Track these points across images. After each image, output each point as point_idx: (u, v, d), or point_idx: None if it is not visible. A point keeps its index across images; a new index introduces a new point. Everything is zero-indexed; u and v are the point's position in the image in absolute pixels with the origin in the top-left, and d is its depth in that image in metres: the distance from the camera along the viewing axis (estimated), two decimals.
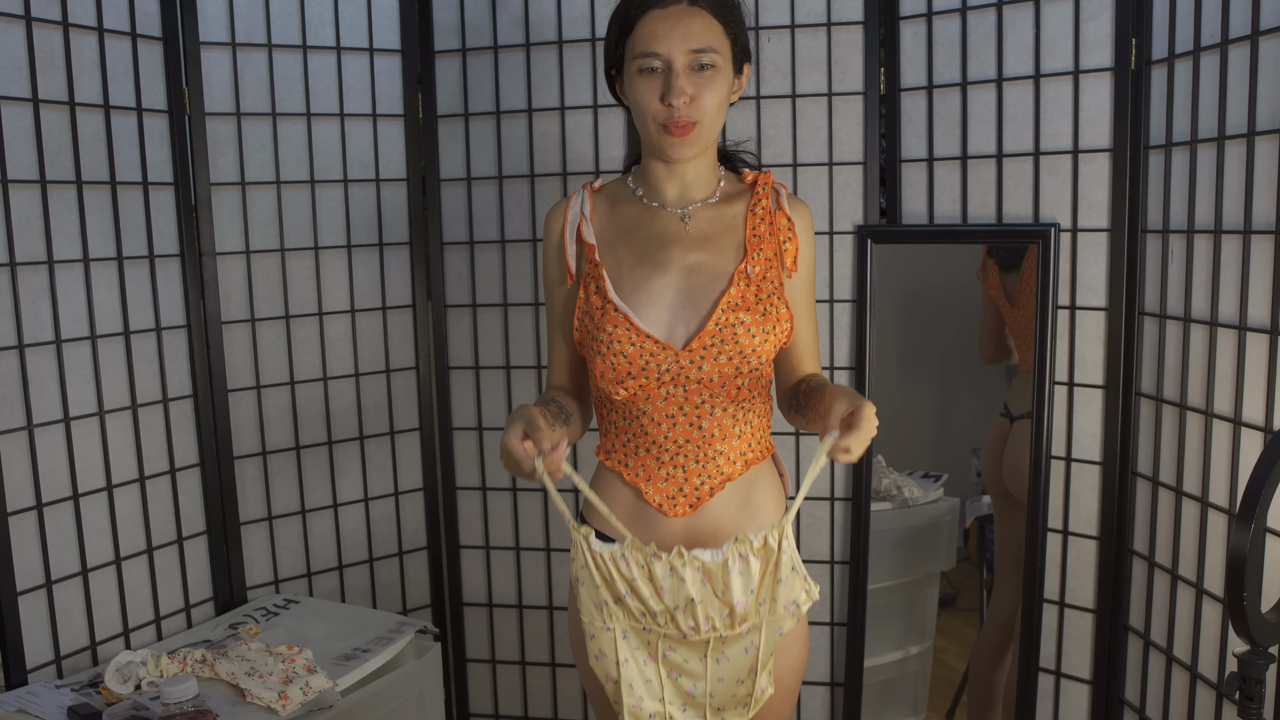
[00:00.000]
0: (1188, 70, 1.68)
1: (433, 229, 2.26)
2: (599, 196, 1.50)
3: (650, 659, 1.39)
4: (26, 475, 1.76)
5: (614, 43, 1.43)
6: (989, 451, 2.11)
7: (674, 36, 1.35)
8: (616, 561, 1.34)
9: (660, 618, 1.35)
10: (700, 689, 1.39)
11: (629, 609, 1.35)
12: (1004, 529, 2.12)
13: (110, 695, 1.66)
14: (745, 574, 1.32)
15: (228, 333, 2.09)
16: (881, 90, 2.04)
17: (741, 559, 1.31)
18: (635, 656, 1.38)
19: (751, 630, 1.36)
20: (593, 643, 1.38)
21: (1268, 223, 1.53)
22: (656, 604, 1.34)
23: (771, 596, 1.34)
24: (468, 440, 2.31)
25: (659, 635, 1.37)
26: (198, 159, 2.02)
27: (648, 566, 1.33)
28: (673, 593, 1.33)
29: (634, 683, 1.38)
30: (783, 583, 1.33)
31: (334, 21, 2.14)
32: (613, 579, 1.34)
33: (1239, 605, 1.23)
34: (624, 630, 1.37)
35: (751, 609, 1.34)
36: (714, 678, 1.39)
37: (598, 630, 1.38)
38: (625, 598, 1.35)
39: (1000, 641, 2.12)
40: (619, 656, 1.37)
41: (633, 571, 1.33)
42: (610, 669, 1.38)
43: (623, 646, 1.37)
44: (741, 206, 1.46)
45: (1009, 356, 2.05)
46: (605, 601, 1.36)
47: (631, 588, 1.34)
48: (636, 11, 1.38)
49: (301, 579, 2.23)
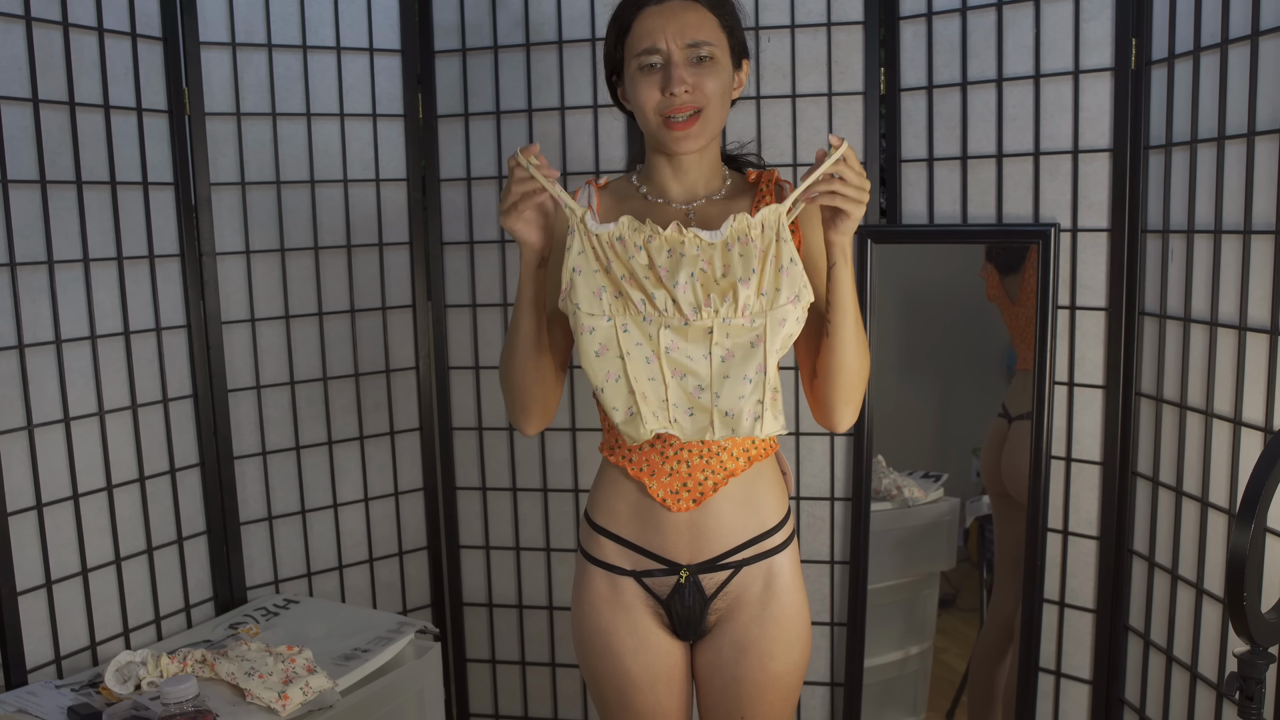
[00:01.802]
0: (1188, 70, 1.68)
1: (433, 229, 2.26)
2: (604, 192, 1.50)
3: (653, 356, 1.31)
4: (26, 475, 1.76)
5: (613, 46, 1.44)
6: (988, 452, 2.11)
7: (670, 30, 1.36)
8: (613, 243, 1.30)
9: (660, 300, 1.29)
10: (706, 390, 1.32)
11: (629, 300, 1.30)
12: (1003, 529, 2.12)
13: (110, 695, 1.66)
14: (746, 255, 1.29)
15: (228, 333, 2.09)
16: (881, 90, 2.04)
17: (740, 240, 1.29)
18: (637, 352, 1.31)
19: (757, 321, 1.30)
20: (592, 336, 1.31)
21: (1268, 223, 1.53)
22: (655, 286, 1.29)
23: (774, 286, 1.30)
24: (468, 440, 2.31)
25: (660, 325, 1.30)
26: (198, 159, 2.02)
27: (645, 248, 1.30)
28: (671, 272, 1.29)
29: (638, 377, 1.31)
30: (784, 271, 1.30)
31: (334, 21, 2.14)
32: (610, 263, 1.30)
33: (1239, 605, 1.23)
34: (624, 324, 1.31)
35: (754, 295, 1.29)
36: (719, 375, 1.31)
37: (598, 323, 1.30)
38: (624, 283, 1.30)
39: (1000, 641, 2.12)
40: (621, 349, 1.30)
41: (630, 252, 1.30)
42: (612, 364, 1.31)
43: (624, 339, 1.31)
44: (745, 203, 1.46)
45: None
46: (603, 288, 1.30)
47: (629, 270, 1.30)
48: (632, 11, 1.40)
49: (301, 579, 2.23)
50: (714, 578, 1.46)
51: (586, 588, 1.50)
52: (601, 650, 1.48)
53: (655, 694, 1.48)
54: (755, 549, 1.46)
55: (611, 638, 1.47)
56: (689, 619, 1.47)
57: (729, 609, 1.47)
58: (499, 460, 2.30)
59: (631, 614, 1.47)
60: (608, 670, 1.48)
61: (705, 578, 1.45)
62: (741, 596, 1.46)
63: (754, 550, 1.46)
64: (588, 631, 1.49)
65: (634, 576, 1.47)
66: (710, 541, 1.45)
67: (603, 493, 1.50)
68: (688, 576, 1.45)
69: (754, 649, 1.45)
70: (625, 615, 1.47)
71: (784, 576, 1.47)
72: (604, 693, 1.51)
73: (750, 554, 1.46)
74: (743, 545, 1.46)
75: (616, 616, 1.47)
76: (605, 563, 1.48)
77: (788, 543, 1.49)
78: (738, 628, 1.46)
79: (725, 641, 1.47)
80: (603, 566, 1.49)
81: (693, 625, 1.48)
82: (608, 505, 1.49)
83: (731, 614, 1.47)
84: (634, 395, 1.31)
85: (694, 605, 1.46)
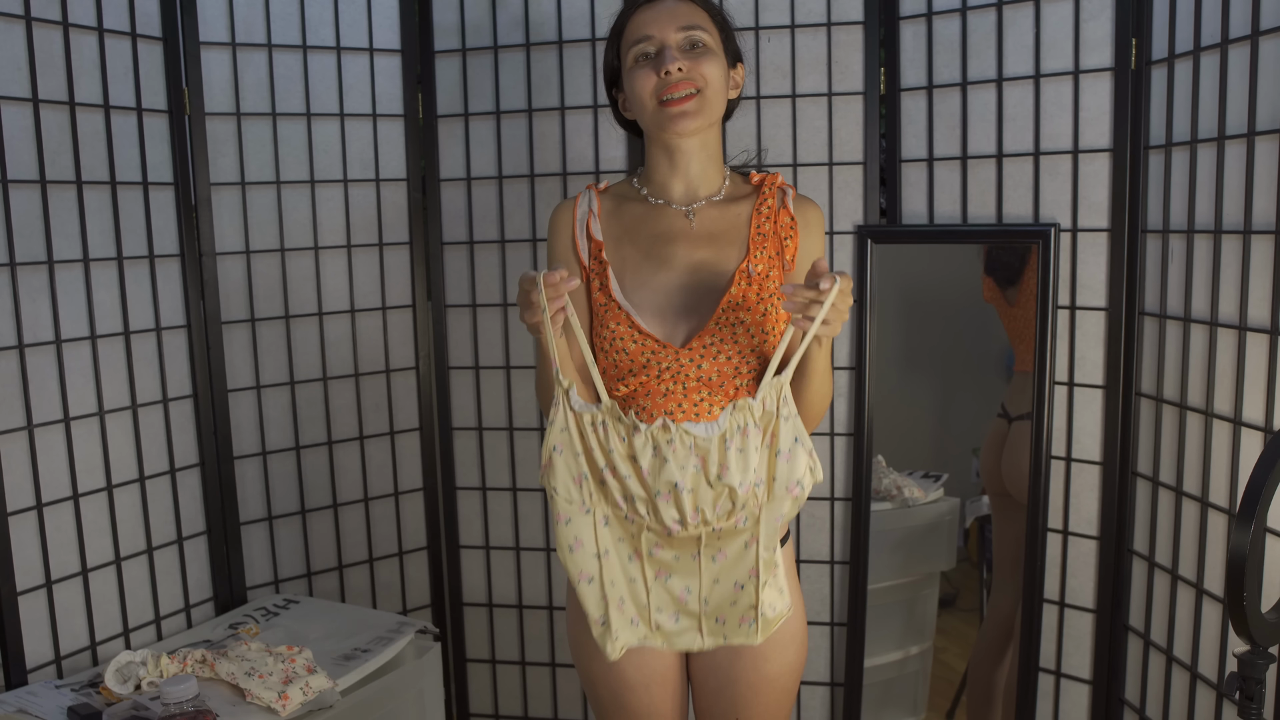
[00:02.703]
0: (1188, 70, 1.68)
1: (433, 229, 2.26)
2: (605, 196, 1.51)
3: (635, 555, 1.22)
4: (26, 475, 1.76)
5: (612, 54, 1.47)
6: (987, 452, 2.11)
7: (662, 19, 1.40)
8: (596, 426, 1.20)
9: (641, 505, 1.19)
10: (693, 594, 1.24)
11: (609, 493, 1.21)
12: (1002, 529, 2.12)
13: (110, 695, 1.66)
14: (744, 450, 1.18)
15: (228, 333, 2.09)
16: (881, 90, 2.04)
17: (741, 432, 1.18)
18: (618, 550, 1.21)
19: (750, 521, 1.22)
20: (568, 528, 1.22)
21: (1268, 223, 1.53)
22: (637, 487, 1.19)
23: (770, 475, 1.20)
24: (468, 440, 2.31)
25: (642, 527, 1.20)
26: (198, 159, 2.02)
27: (628, 439, 1.19)
28: (653, 474, 1.18)
29: (615, 580, 1.21)
30: (783, 455, 1.20)
31: (334, 21, 2.14)
32: (592, 449, 1.22)
33: (1239, 605, 1.23)
34: (605, 516, 1.22)
35: (750, 494, 1.19)
36: (708, 579, 1.23)
37: (575, 513, 1.22)
38: (605, 474, 1.20)
39: (999, 641, 2.12)
40: (599, 547, 1.21)
41: (611, 443, 1.19)
42: (587, 564, 1.21)
43: (603, 535, 1.21)
44: (747, 206, 1.47)
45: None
46: (585, 475, 1.21)
47: (610, 462, 1.20)
48: (625, 14, 1.46)
49: (301, 579, 2.23)
50: None
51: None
52: (595, 651, 1.47)
53: (650, 695, 1.48)
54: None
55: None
56: None
57: None
58: (499, 460, 2.30)
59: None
60: (602, 671, 1.48)
61: None
62: None
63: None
64: (582, 632, 1.49)
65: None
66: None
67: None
68: None
69: (747, 650, 1.43)
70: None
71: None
72: (599, 693, 1.51)
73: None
74: None
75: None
76: None
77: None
78: None
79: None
80: None
81: None
82: None
83: None
84: (607, 602, 1.21)
85: None
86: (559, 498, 1.23)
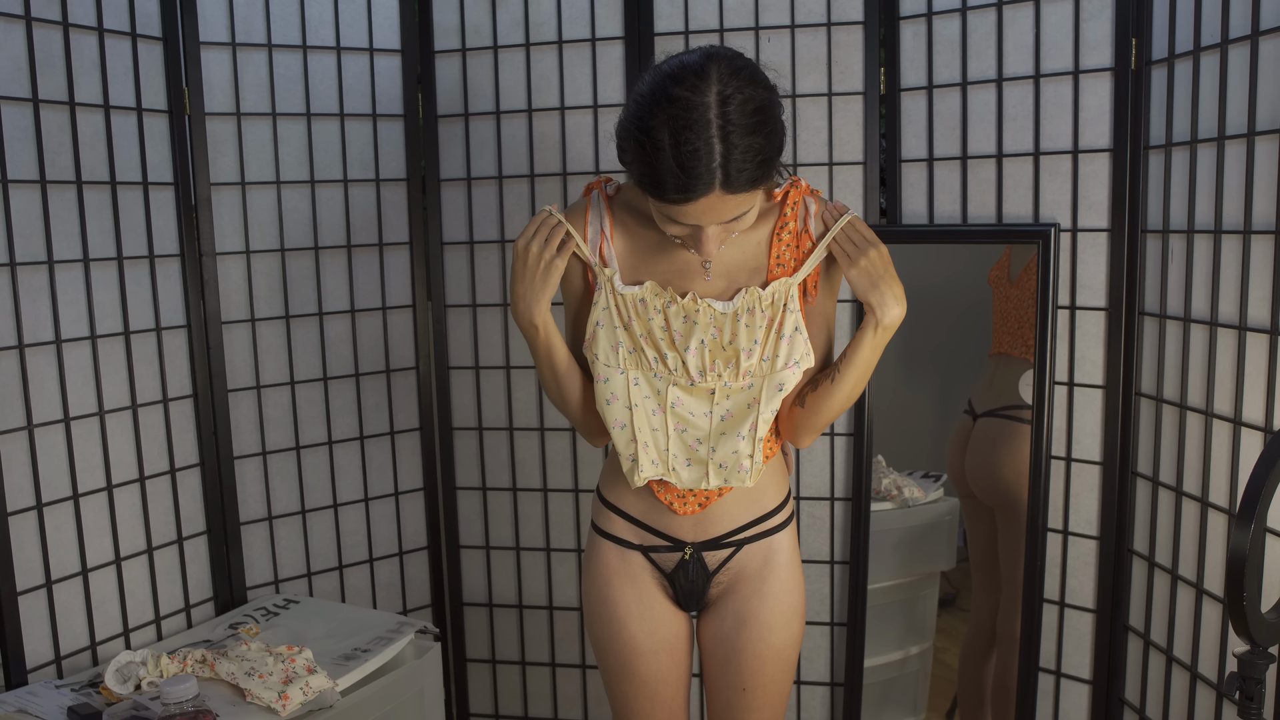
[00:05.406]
0: (1188, 70, 1.68)
1: (433, 229, 2.26)
2: (617, 209, 1.46)
3: (659, 409, 1.44)
4: (26, 475, 1.76)
5: (635, 172, 1.28)
6: (952, 450, 2.08)
7: (705, 217, 1.27)
8: (637, 304, 1.41)
9: (671, 360, 1.42)
10: (704, 445, 1.44)
11: (643, 357, 1.42)
12: (974, 530, 2.11)
13: (110, 695, 1.66)
14: (751, 326, 1.40)
15: (228, 333, 2.09)
16: (881, 90, 2.04)
17: (749, 312, 1.40)
18: (645, 405, 1.44)
19: (755, 386, 1.42)
20: (606, 385, 1.44)
21: (1268, 223, 1.53)
22: (669, 348, 1.41)
23: (775, 352, 1.40)
24: (468, 440, 2.31)
25: (669, 382, 1.43)
26: (198, 159, 2.02)
27: (664, 312, 1.41)
28: (684, 335, 1.40)
29: (642, 428, 1.44)
30: (785, 339, 1.40)
31: (334, 21, 2.14)
32: (630, 321, 1.42)
33: (1239, 605, 1.23)
34: (636, 378, 1.43)
35: (755, 362, 1.40)
36: (716, 431, 1.44)
37: (612, 374, 1.43)
38: (642, 341, 1.42)
39: (983, 642, 2.13)
40: (630, 400, 1.43)
41: (649, 313, 1.41)
42: (620, 414, 1.44)
43: (634, 392, 1.43)
44: (766, 231, 1.43)
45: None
46: (620, 344, 1.43)
47: (647, 329, 1.41)
48: (660, 191, 1.25)
49: (301, 579, 2.23)
50: (716, 555, 1.53)
51: (596, 559, 1.57)
52: (608, 617, 1.55)
53: (658, 660, 1.55)
54: (756, 529, 1.53)
55: (617, 605, 1.54)
56: (692, 591, 1.55)
57: (730, 583, 1.54)
58: (499, 460, 2.30)
59: (638, 584, 1.54)
60: (613, 636, 1.55)
61: (708, 554, 1.53)
62: (742, 572, 1.53)
63: (755, 530, 1.53)
64: (596, 600, 1.57)
65: (641, 550, 1.54)
66: (714, 526, 1.52)
67: (615, 475, 1.56)
68: (692, 553, 1.53)
69: (754, 621, 1.52)
70: (632, 585, 1.54)
71: (783, 554, 1.54)
72: (608, 660, 1.57)
73: (751, 534, 1.53)
74: (744, 526, 1.53)
75: (624, 586, 1.54)
76: (615, 536, 1.56)
77: (787, 523, 1.56)
78: (739, 600, 1.53)
79: (727, 613, 1.54)
80: (612, 540, 1.56)
81: (695, 597, 1.55)
82: (619, 487, 1.55)
83: (733, 588, 1.54)
84: (636, 444, 1.44)
85: (697, 579, 1.54)
86: (599, 362, 1.44)
